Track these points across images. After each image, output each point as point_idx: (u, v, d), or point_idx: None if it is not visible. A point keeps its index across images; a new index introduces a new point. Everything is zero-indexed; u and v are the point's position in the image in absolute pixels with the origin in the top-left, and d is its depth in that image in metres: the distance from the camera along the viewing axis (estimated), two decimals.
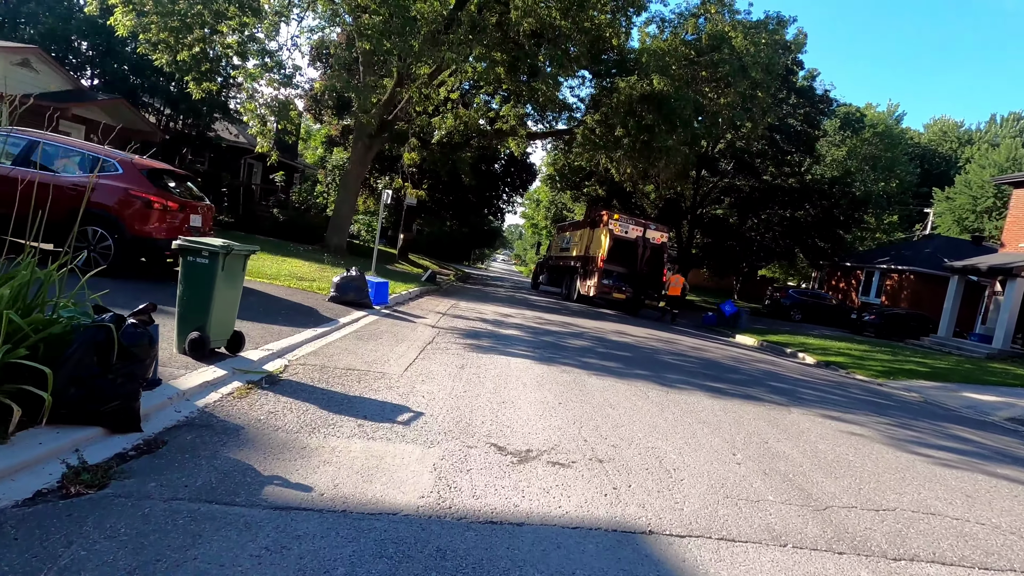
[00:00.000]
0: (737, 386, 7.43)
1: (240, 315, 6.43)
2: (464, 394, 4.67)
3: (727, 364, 9.85)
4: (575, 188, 33.10)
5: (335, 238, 18.01)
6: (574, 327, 11.98)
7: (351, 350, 5.87)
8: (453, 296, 15.66)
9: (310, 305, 8.33)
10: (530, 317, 12.63)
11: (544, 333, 10.08)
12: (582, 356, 7.98)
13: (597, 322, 14.06)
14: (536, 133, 19.15)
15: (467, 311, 11.87)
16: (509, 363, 6.46)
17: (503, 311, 13.03)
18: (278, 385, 4.23)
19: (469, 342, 7.65)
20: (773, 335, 18.28)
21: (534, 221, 73.79)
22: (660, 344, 11.35)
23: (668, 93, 13.38)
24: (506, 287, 27.10)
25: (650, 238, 18.10)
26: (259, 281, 9.60)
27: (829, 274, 34.87)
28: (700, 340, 14.22)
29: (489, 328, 9.56)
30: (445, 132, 17.19)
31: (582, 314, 15.90)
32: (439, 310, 11.26)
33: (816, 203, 27.55)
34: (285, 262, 13.06)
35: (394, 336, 7.27)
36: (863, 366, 12.96)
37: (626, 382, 6.33)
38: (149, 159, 8.77)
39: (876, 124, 40.85)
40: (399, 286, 13.31)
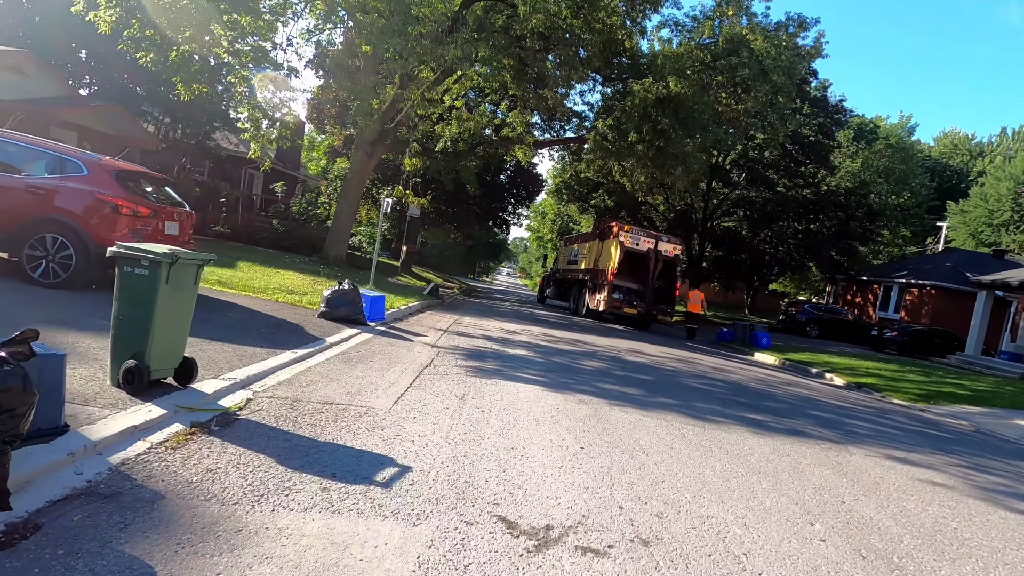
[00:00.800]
0: (778, 417, 6.52)
1: (209, 334, 5.62)
2: (464, 437, 3.80)
3: (756, 388, 8.93)
4: (582, 200, 32.39)
5: (334, 249, 17.26)
6: (585, 345, 11.09)
7: (334, 377, 5.02)
8: (456, 311, 14.82)
9: (296, 322, 7.50)
10: (538, 334, 11.76)
11: (554, 353, 9.20)
12: (599, 381, 7.09)
13: (609, 339, 13.17)
14: (544, 141, 18.43)
15: (470, 327, 11.02)
16: (517, 391, 5.59)
17: (509, 327, 12.18)
18: (232, 427, 3.38)
19: (472, 364, 6.79)
20: (793, 353, 17.31)
21: (540, 234, 73.09)
22: (680, 364, 10.44)
23: (685, 95, 12.61)
24: (511, 301, 26.26)
25: (662, 250, 17.28)
26: (244, 295, 8.80)
27: (844, 288, 33.85)
28: (719, 359, 13.29)
29: (494, 347, 8.70)
30: (449, 139, 16.49)
31: (592, 330, 15.01)
32: (440, 326, 10.42)
33: (832, 215, 26.66)
34: (277, 274, 12.28)
35: (387, 358, 6.42)
36: (898, 388, 11.99)
37: (654, 415, 5.44)
38: (122, 161, 8.03)
39: (888, 136, 40.07)
40: (399, 300, 12.50)
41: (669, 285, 17.96)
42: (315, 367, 5.28)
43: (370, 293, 9.24)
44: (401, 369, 5.88)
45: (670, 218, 31.00)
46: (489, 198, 28.94)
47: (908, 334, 23.14)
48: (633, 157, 13.73)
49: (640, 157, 13.67)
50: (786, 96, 14.79)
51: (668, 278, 17.83)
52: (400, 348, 7.29)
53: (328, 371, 5.20)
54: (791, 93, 14.97)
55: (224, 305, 7.68)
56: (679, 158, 13.26)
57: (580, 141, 18.19)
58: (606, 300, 17.05)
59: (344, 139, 21.88)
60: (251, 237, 22.07)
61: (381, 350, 6.88)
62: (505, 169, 28.42)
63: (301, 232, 23.30)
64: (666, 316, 18.33)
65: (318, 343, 6.43)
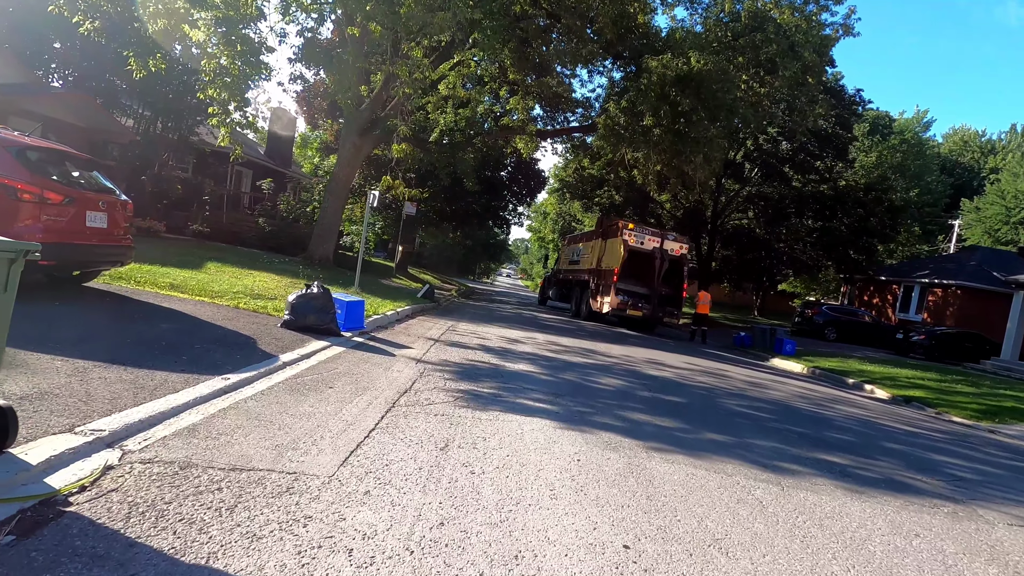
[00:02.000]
0: (857, 458, 5.10)
1: (111, 356, 4.19)
2: (438, 536, 2.39)
3: (807, 410, 7.51)
4: (586, 197, 31.00)
5: (320, 248, 15.88)
6: (598, 356, 9.68)
7: (267, 417, 3.62)
8: (452, 315, 13.43)
9: (249, 334, 6.10)
10: (542, 343, 10.35)
11: (563, 367, 7.79)
12: (624, 407, 5.68)
13: (622, 347, 11.76)
14: (547, 131, 17.02)
15: (466, 335, 9.61)
16: (522, 431, 4.18)
17: (509, 334, 10.77)
18: (37, 536, 1.97)
19: (463, 388, 5.39)
20: (819, 359, 15.89)
21: (541, 234, 71.75)
22: (709, 379, 9.02)
23: (708, 73, 11.17)
24: (512, 303, 24.86)
25: (668, 250, 16.39)
26: (195, 300, 7.40)
27: (861, 289, 32.42)
28: (745, 369, 11.87)
29: (492, 361, 7.30)
30: (444, 128, 15.11)
31: (601, 336, 13.60)
32: (431, 335, 9.01)
33: (851, 211, 25.23)
34: (248, 276, 10.88)
35: (355, 382, 5.01)
36: (952, 403, 10.55)
37: (709, 465, 4.03)
38: (34, 138, 6.64)
39: (903, 131, 38.65)
40: (387, 304, 11.09)
41: (676, 286, 16.95)
42: (246, 402, 3.87)
43: (346, 297, 7.84)
44: (369, 399, 4.48)
45: (678, 216, 29.60)
46: (488, 195, 27.54)
47: (936, 337, 21.70)
48: (648, 143, 12.31)
49: (656, 143, 12.24)
50: (816, 76, 13.36)
51: (675, 278, 16.86)
52: (375, 366, 5.89)
53: (262, 408, 3.80)
54: (821, 74, 13.55)
55: (163, 314, 6.29)
56: (700, 144, 11.82)
57: (588, 129, 16.77)
58: (610, 302, 16.14)
59: (336, 134, 20.52)
60: (236, 237, 20.75)
61: (350, 370, 5.48)
62: (505, 164, 27.02)
63: (290, 232, 21.95)
64: (672, 318, 17.28)
65: (267, 363, 5.02)
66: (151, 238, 15.32)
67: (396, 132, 10.26)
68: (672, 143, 12.04)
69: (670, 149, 12.26)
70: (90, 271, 6.85)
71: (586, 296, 18.45)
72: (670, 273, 16.58)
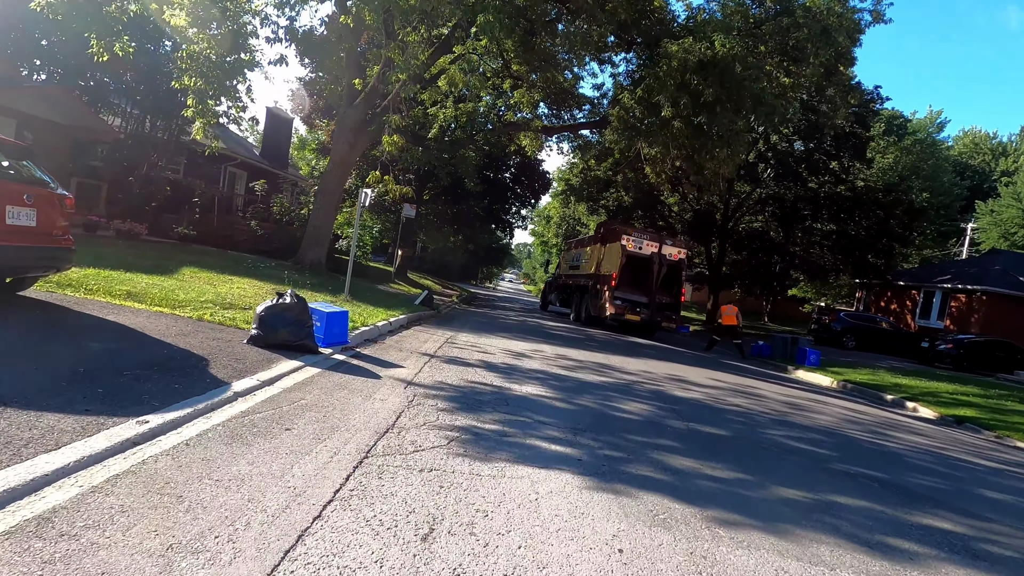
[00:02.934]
0: (969, 520, 4.02)
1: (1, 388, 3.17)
2: None
3: (867, 443, 6.40)
4: (592, 200, 29.98)
5: (312, 253, 14.87)
6: (613, 371, 8.60)
7: (179, 486, 2.56)
8: (452, 324, 12.37)
9: (203, 353, 5.05)
10: (551, 356, 9.28)
11: (578, 388, 6.72)
12: (661, 448, 4.60)
13: (636, 360, 10.67)
14: (554, 127, 15.97)
15: (466, 349, 8.55)
16: (537, 498, 3.10)
17: (514, 346, 9.70)
18: None
19: (459, 424, 4.32)
20: (846, 371, 14.78)
21: (544, 238, 70.76)
22: (742, 400, 7.93)
23: (735, 57, 10.08)
24: (516, 309, 23.80)
25: (667, 254, 16.45)
26: (151, 311, 6.37)
27: (877, 294, 31.26)
28: (772, 384, 10.77)
29: (495, 383, 6.23)
30: (444, 123, 14.12)
31: (611, 347, 12.52)
32: (427, 349, 7.95)
33: (870, 213, 24.12)
34: (226, 282, 9.85)
35: (322, 419, 3.95)
36: (1009, 424, 9.44)
37: (800, 552, 2.94)
38: None
39: (917, 131, 37.54)
40: (379, 313, 10.04)
41: (674, 291, 17.10)
42: (156, 460, 2.81)
43: (326, 307, 6.78)
44: (335, 446, 3.41)
45: (687, 219, 28.55)
46: (491, 197, 26.52)
47: (964, 346, 20.52)
48: (666, 137, 11.23)
49: (675, 137, 11.17)
50: (847, 64, 12.30)
51: (673, 283, 17.04)
52: (354, 394, 4.82)
53: (176, 471, 2.73)
54: (852, 62, 12.50)
55: (102, 329, 5.25)
56: (724, 138, 10.76)
57: (596, 125, 15.73)
58: (609, 306, 16.26)
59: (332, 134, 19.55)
60: (227, 240, 19.80)
61: (320, 401, 4.41)
62: (508, 165, 26.01)
63: (283, 235, 20.96)
64: (671, 323, 17.06)
65: (211, 395, 3.96)
66: (131, 241, 14.34)
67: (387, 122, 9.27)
68: (692, 137, 10.97)
69: (690, 144, 11.19)
70: (23, 278, 5.83)
71: (586, 301, 18.45)
72: (668, 278, 16.66)
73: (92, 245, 12.18)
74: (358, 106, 14.61)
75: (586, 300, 18.46)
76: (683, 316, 30.59)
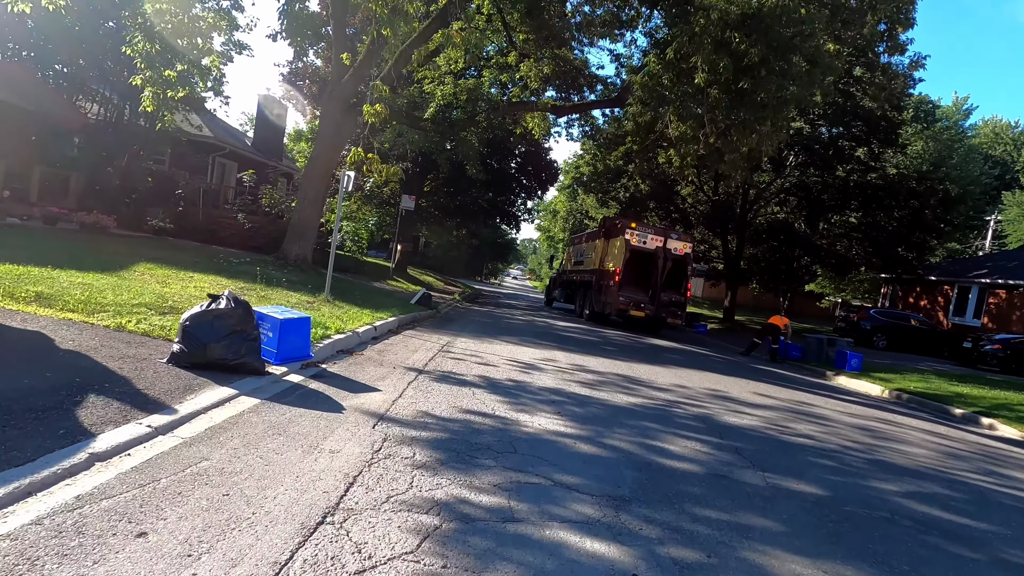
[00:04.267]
0: None
1: None
2: None
3: (1006, 498, 4.86)
4: (602, 192, 28.37)
5: (296, 247, 13.43)
6: (642, 387, 7.08)
7: None
8: (451, 327, 10.90)
9: (94, 380, 3.60)
10: (565, 367, 7.78)
11: (607, 419, 5.21)
12: (750, 536, 3.09)
13: (665, 369, 9.15)
14: (564, 107, 14.37)
15: (465, 359, 7.06)
16: None
17: (522, 354, 8.19)
18: None
19: (441, 497, 2.84)
20: (892, 376, 13.20)
21: (550, 233, 69.22)
22: (807, 426, 6.39)
23: (784, 8, 8.40)
24: (522, 308, 22.30)
25: (672, 249, 16.01)
26: (57, 318, 4.91)
27: (905, 290, 29.50)
28: (823, 396, 9.22)
29: (499, 412, 4.74)
30: (441, 101, 12.62)
31: (629, 351, 11.01)
32: (416, 361, 6.46)
33: (903, 203, 22.38)
34: (183, 281, 8.40)
35: (218, 502, 2.46)
36: None
37: None
38: None
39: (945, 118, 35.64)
40: (364, 316, 8.56)
41: (679, 286, 16.45)
42: None
43: (282, 313, 5.29)
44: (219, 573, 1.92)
45: (702, 210, 26.88)
46: (495, 188, 24.98)
47: (1012, 347, 18.80)
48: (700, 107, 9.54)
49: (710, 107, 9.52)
50: (905, 27, 10.60)
51: (678, 278, 16.42)
52: (294, 443, 3.34)
53: None
54: (911, 23, 10.75)
55: None
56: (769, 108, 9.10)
57: (613, 104, 14.14)
58: (612, 302, 15.87)
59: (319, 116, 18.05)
60: (211, 235, 18.42)
61: (233, 460, 2.93)
62: (513, 153, 24.43)
63: (272, 229, 19.52)
64: (676, 319, 16.45)
65: (46, 462, 2.49)
66: (96, 235, 12.94)
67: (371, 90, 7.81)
68: (731, 108, 9.33)
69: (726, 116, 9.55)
70: None
71: (589, 297, 18.08)
72: (674, 273, 16.14)
73: (45, 239, 10.78)
74: (347, 83, 13.13)
75: (590, 296, 18.00)
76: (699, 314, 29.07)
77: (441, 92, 12.59)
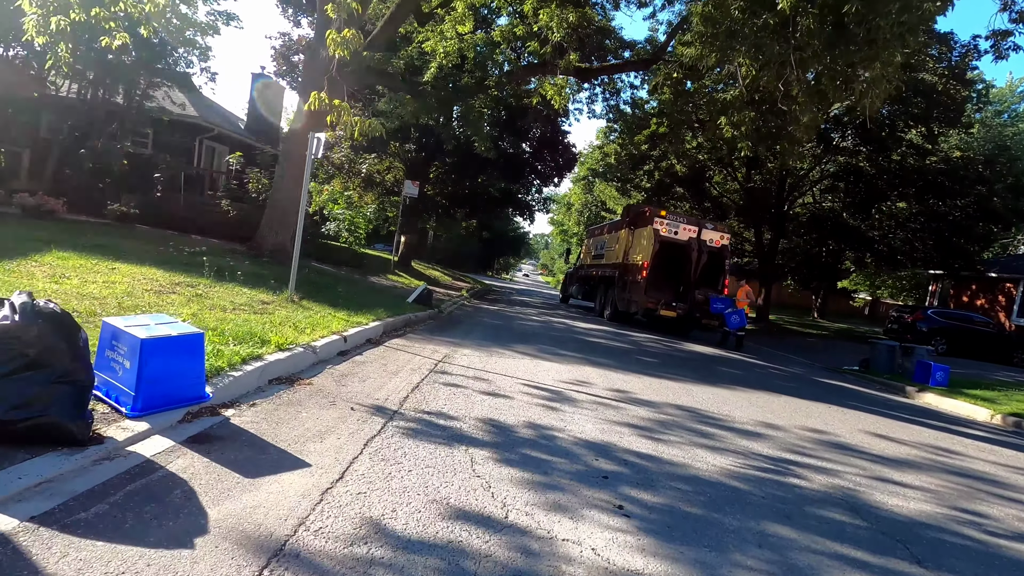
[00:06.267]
0: None
1: None
2: None
3: None
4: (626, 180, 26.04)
5: (273, 235, 11.41)
6: (719, 427, 4.88)
7: None
8: (454, 331, 8.79)
9: None
10: (603, 393, 5.61)
11: (698, 516, 3.01)
12: None
13: (728, 392, 6.94)
14: (591, 68, 12.01)
15: (464, 385, 4.90)
16: None
17: (544, 375, 6.03)
18: None
19: None
20: (987, 393, 10.83)
21: (564, 227, 66.84)
22: (987, 505, 4.16)
23: None
24: (536, 305, 20.13)
25: (707, 240, 14.26)
26: None
27: (957, 288, 26.84)
28: (949, 435, 6.93)
29: (515, 505, 2.59)
30: (444, 58, 10.47)
31: (674, 363, 8.80)
32: (390, 394, 4.31)
33: (968, 190, 19.80)
34: (93, 273, 6.35)
35: None
36: None
37: None
38: None
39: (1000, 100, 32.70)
40: (334, 322, 6.45)
41: (716, 282, 14.60)
42: None
43: (154, 326, 3.14)
44: None
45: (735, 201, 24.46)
46: (509, 173, 22.77)
47: None
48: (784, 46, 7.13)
49: (799, 45, 7.11)
50: None
51: (714, 273, 14.61)
52: None
53: None
54: None
55: None
56: (877, 46, 6.61)
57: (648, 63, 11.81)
58: (639, 300, 14.14)
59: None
60: (193, 223, 16.49)
61: None
62: (527, 135, 22.19)
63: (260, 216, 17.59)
64: (712, 320, 14.16)
65: None
66: (37, 219, 10.97)
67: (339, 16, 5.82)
68: (828, 45, 6.89)
69: (819, 57, 7.11)
70: None
71: (611, 294, 16.34)
72: (708, 267, 14.35)
73: None
74: None
75: (612, 293, 16.23)
76: None
77: (444, 48, 10.41)
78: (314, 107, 5.64)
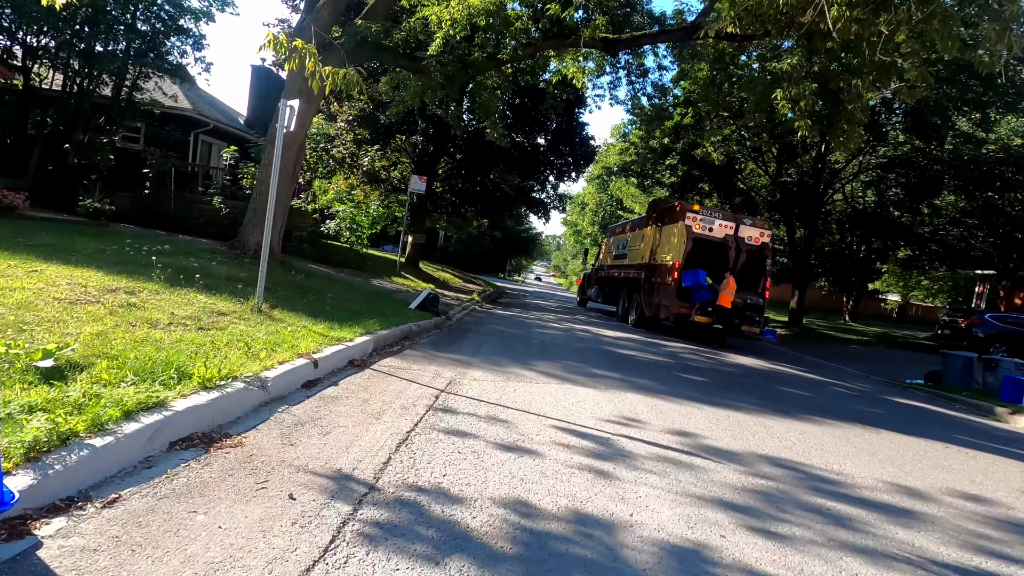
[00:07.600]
0: None
1: None
2: None
3: None
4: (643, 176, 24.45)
5: (255, 234, 10.02)
6: (843, 500, 3.32)
7: None
8: (463, 344, 7.30)
9: None
10: (663, 438, 4.06)
11: None
12: None
13: (817, 428, 5.37)
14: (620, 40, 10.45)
15: (473, 433, 3.37)
16: None
17: (577, 407, 4.50)
18: None
19: None
20: None
21: (578, 227, 65.23)
22: None
23: None
24: (553, 310, 18.60)
25: (745, 237, 12.87)
26: None
27: (1008, 289, 24.84)
28: None
29: None
30: (450, 27, 9.03)
31: (726, 384, 7.22)
32: (365, 454, 2.77)
33: None
34: (39, 275, 4.94)
35: None
36: None
37: None
38: None
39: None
40: (303, 341, 5.00)
41: (756, 284, 13.08)
42: None
43: None
44: None
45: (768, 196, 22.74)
46: (522, 167, 21.28)
47: None
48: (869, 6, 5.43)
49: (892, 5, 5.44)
50: None
51: (754, 274, 13.10)
52: None
53: None
54: None
55: None
56: None
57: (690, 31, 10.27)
58: (669, 304, 12.74)
59: None
60: (182, 222, 15.35)
61: None
62: (543, 126, 20.67)
63: None
64: (753, 327, 12.65)
65: None
66: None
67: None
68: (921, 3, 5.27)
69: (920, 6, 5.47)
70: None
71: (637, 298, 14.93)
72: (748, 268, 12.98)
73: None
74: (323, 8, 9.63)
75: (638, 297, 14.86)
76: None
77: (451, 14, 8.96)
78: (267, 44, 4.20)
